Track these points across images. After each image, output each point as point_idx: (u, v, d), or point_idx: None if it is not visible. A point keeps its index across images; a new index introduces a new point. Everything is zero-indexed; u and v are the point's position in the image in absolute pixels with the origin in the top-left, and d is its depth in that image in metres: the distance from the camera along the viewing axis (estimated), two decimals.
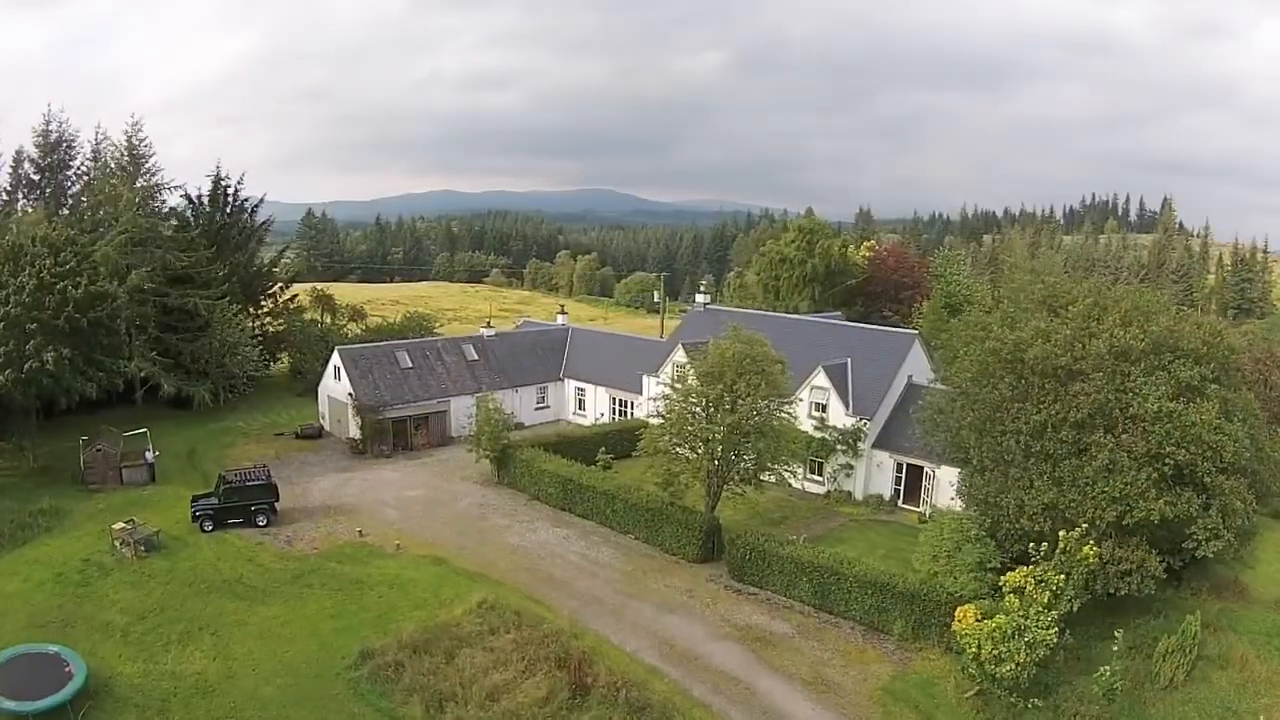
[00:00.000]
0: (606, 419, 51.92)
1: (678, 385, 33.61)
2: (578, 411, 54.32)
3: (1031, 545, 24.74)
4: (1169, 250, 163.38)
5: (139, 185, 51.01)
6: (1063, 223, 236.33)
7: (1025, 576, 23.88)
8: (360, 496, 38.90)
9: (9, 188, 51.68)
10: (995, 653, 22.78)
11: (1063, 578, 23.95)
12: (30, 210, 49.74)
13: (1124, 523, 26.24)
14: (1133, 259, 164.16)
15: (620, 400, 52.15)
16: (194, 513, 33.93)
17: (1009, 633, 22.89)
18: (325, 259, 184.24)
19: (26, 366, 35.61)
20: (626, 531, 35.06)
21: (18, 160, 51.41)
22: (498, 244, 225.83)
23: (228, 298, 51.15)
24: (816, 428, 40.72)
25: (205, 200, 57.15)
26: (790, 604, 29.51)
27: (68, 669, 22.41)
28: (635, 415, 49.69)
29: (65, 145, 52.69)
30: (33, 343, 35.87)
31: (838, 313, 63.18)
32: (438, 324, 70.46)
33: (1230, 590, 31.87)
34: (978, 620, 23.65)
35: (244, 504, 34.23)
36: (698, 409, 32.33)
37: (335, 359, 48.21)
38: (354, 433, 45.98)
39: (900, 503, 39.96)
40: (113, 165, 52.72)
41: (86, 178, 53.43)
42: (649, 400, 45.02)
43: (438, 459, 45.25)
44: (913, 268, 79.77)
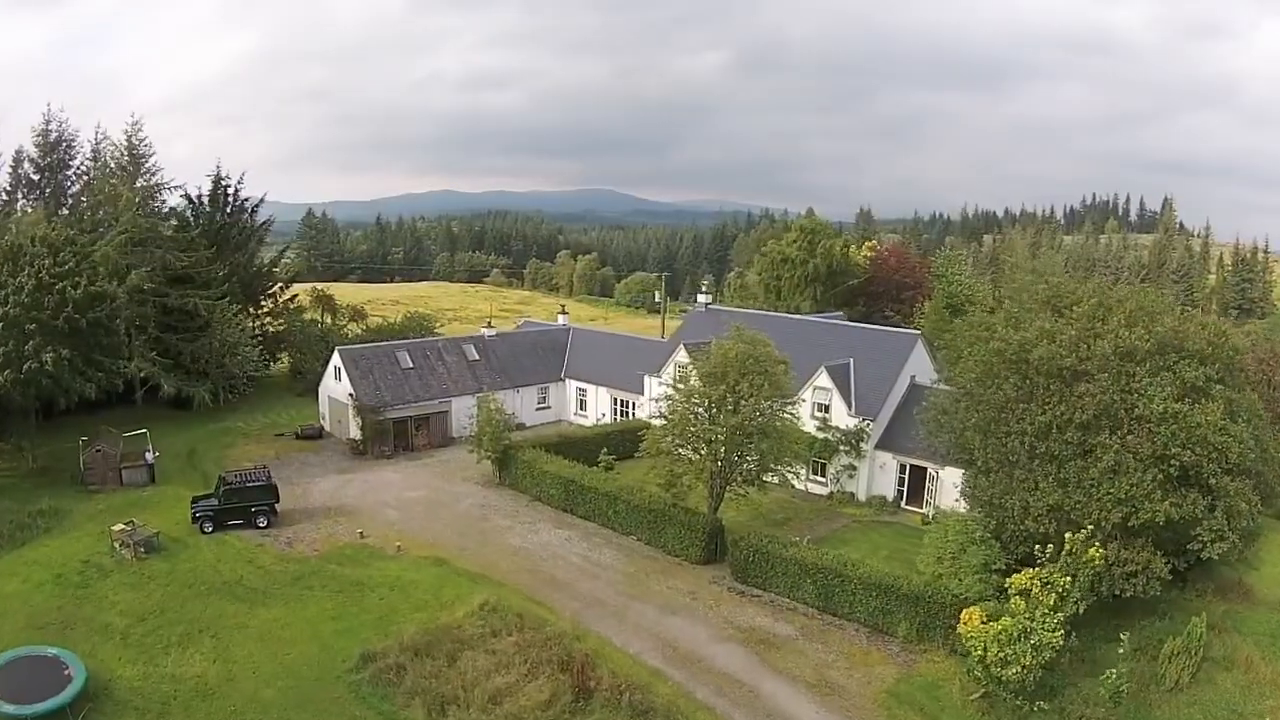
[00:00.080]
0: (608, 419, 51.79)
1: (680, 386, 33.47)
2: (579, 412, 54.18)
3: (1037, 547, 24.66)
4: (1169, 250, 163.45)
5: (139, 185, 50.92)
6: (1063, 223, 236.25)
7: (1031, 579, 23.78)
8: (361, 497, 38.77)
9: (8, 188, 51.57)
10: (1001, 655, 22.69)
11: (1068, 580, 23.87)
12: (30, 210, 49.60)
13: (1129, 524, 26.21)
14: (1133, 259, 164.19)
15: (622, 401, 52.02)
16: (194, 514, 33.83)
17: (1015, 635, 22.80)
18: (325, 259, 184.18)
19: (26, 367, 35.52)
20: (629, 533, 34.92)
21: (17, 160, 51.29)
22: (498, 244, 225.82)
23: (228, 298, 51.04)
24: (819, 428, 40.57)
25: (205, 200, 57.03)
26: (794, 606, 29.38)
27: (67, 672, 22.29)
28: (637, 416, 49.60)
29: (65, 145, 52.54)
30: (32, 343, 35.77)
31: (839, 313, 63.06)
32: (438, 324, 70.35)
33: (1235, 592, 31.84)
34: (983, 623, 23.56)
35: (244, 505, 34.11)
36: (700, 410, 32.18)
37: (335, 359, 48.07)
38: (354, 433, 45.85)
39: (903, 504, 39.82)
40: (112, 165, 52.62)
41: (86, 177, 53.28)
42: (651, 401, 44.88)
43: (439, 460, 45.10)
44: (914, 268, 79.59)
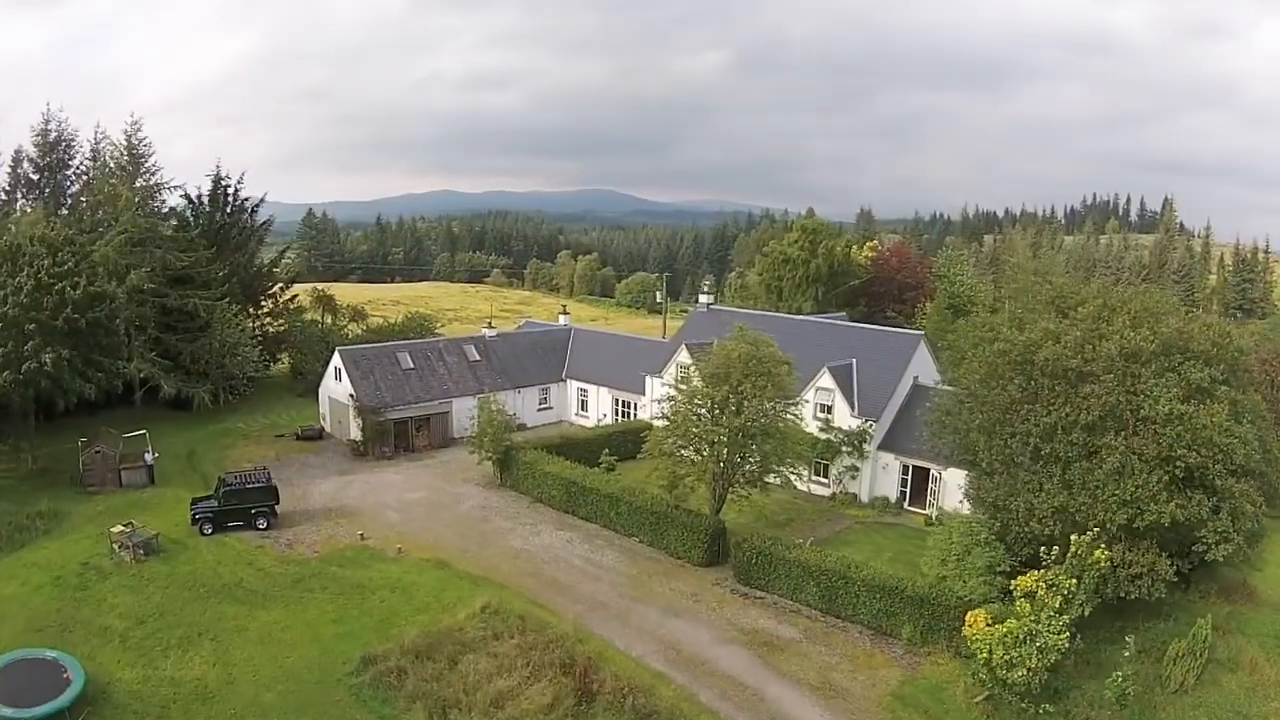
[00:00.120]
0: (609, 420, 51.64)
1: (682, 386, 33.34)
2: (580, 412, 54.03)
3: (1042, 549, 24.53)
4: (1170, 250, 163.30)
5: (138, 185, 50.84)
6: (1064, 223, 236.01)
7: (1036, 581, 23.67)
8: (361, 499, 38.61)
9: (8, 187, 51.58)
10: (1007, 658, 22.59)
11: (1074, 582, 23.74)
12: (29, 210, 49.49)
13: (1134, 526, 26.09)
14: (1134, 259, 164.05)
15: (623, 401, 51.87)
16: (193, 515, 33.68)
17: (1020, 638, 22.70)
18: (326, 259, 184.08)
19: (25, 368, 35.41)
20: (631, 535, 34.76)
21: (17, 160, 51.23)
22: (498, 244, 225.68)
23: (228, 298, 50.91)
24: (822, 429, 40.41)
25: (205, 200, 56.85)
26: (797, 608, 29.24)
27: (66, 675, 22.19)
28: (638, 416, 49.45)
29: (64, 145, 52.51)
30: (31, 344, 35.67)
31: (842, 313, 62.90)
32: (439, 324, 70.22)
33: (1239, 593, 31.75)
34: (988, 625, 23.43)
35: (244, 507, 33.96)
36: (703, 411, 32.04)
37: (336, 360, 47.91)
38: (355, 434, 45.69)
39: (906, 505, 39.66)
40: (112, 165, 52.58)
41: (86, 177, 53.23)
42: (652, 401, 44.71)
43: (439, 461, 44.96)
44: (916, 268, 79.39)
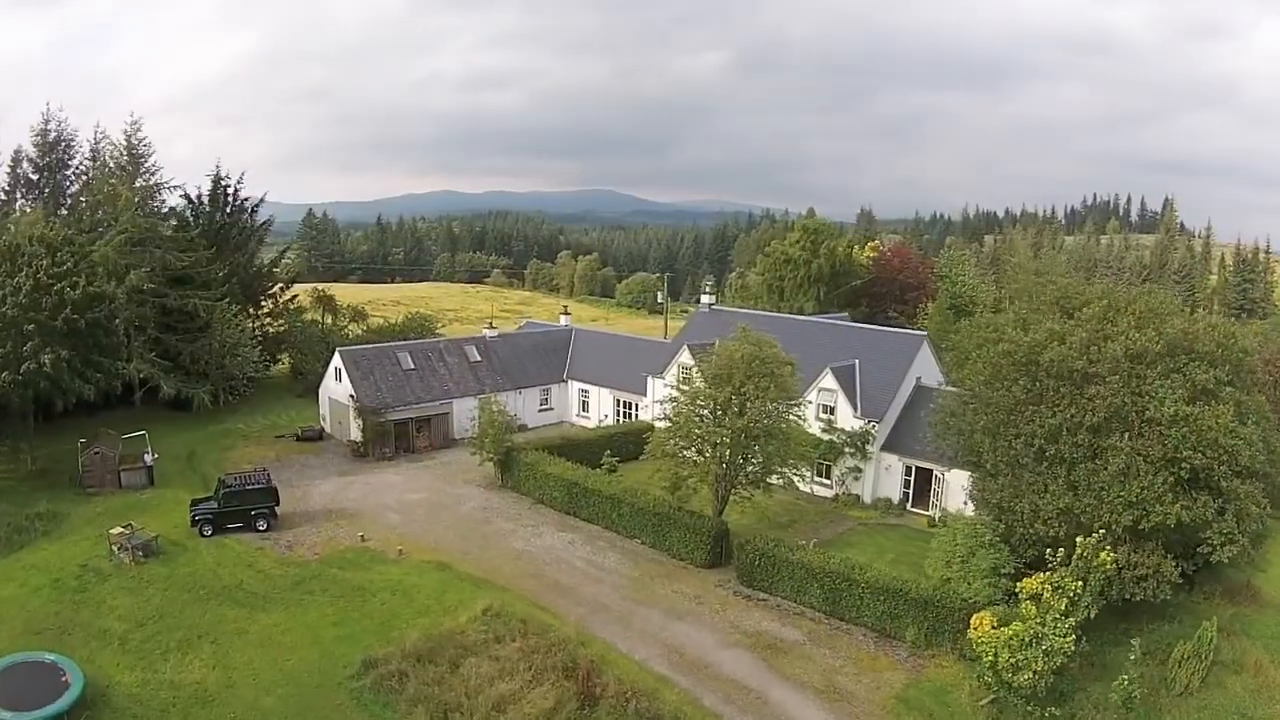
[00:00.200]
0: (610, 421, 51.47)
1: (684, 387, 33.18)
2: (581, 413, 53.86)
3: (1048, 551, 24.40)
4: (1171, 251, 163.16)
5: (138, 185, 50.64)
6: (1064, 223, 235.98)
7: (1042, 583, 23.55)
8: (362, 500, 38.45)
9: (7, 187, 51.38)
10: (1013, 661, 22.48)
11: (1079, 584, 23.62)
12: (28, 210, 49.32)
13: (1140, 527, 25.94)
14: (1134, 259, 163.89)
15: (624, 402, 51.69)
16: (193, 517, 33.52)
17: (1026, 640, 22.60)
18: (326, 259, 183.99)
19: (24, 368, 35.25)
20: (633, 536, 34.59)
21: (16, 160, 51.05)
22: (499, 244, 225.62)
23: (228, 298, 50.73)
24: (824, 430, 40.23)
25: (205, 200, 56.65)
26: (800, 610, 29.09)
27: (65, 678, 22.09)
28: (640, 417, 49.29)
29: (64, 145, 52.32)
30: (30, 344, 35.50)
31: (844, 314, 62.75)
32: (439, 325, 70.04)
33: (1243, 594, 31.63)
34: (994, 628, 23.29)
35: (244, 508, 33.80)
36: (705, 412, 31.87)
37: (336, 360, 47.73)
38: (355, 435, 45.52)
39: (909, 506, 39.49)
40: (111, 165, 52.40)
41: (85, 177, 53.04)
42: (654, 402, 44.56)
43: (440, 462, 44.79)
44: (917, 268, 79.25)
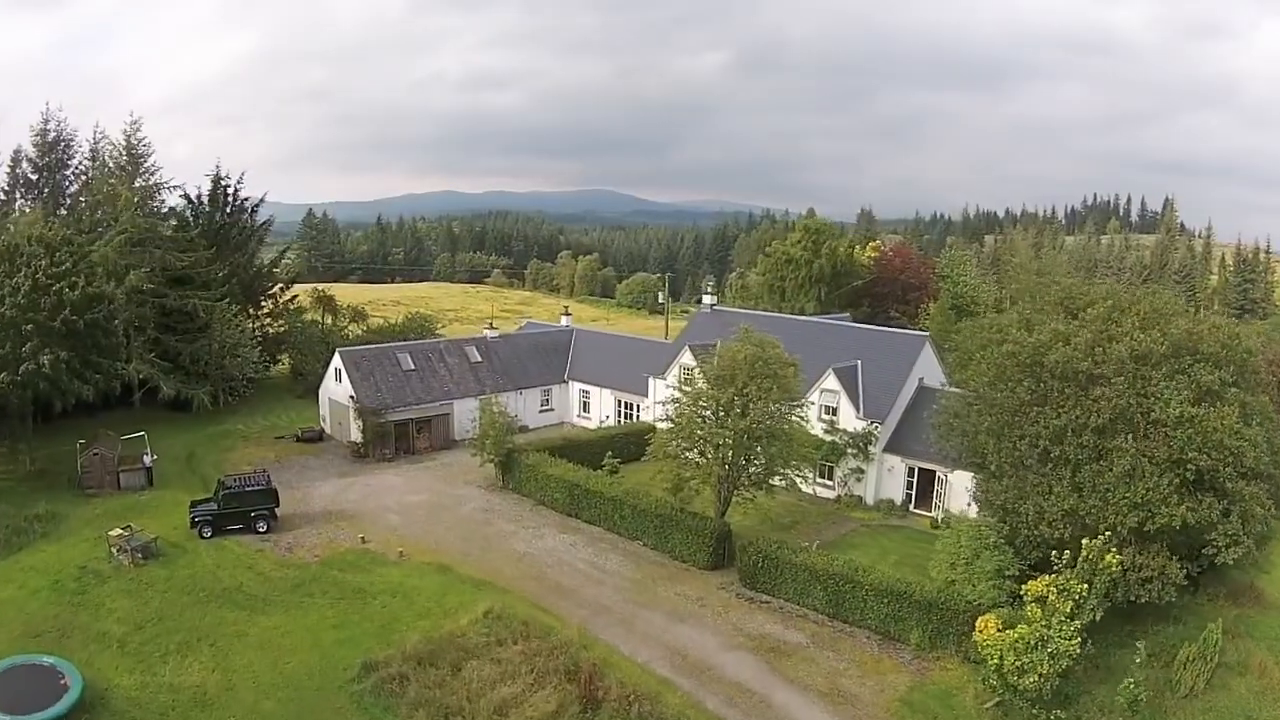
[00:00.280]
0: (612, 422, 51.30)
1: (686, 388, 33.02)
2: (582, 414, 53.68)
3: (1054, 553, 24.26)
4: (1171, 251, 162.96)
5: (137, 185, 50.43)
6: (1064, 223, 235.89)
7: (1047, 585, 23.41)
8: (362, 501, 38.29)
9: (6, 187, 51.17)
10: (1018, 664, 22.35)
11: (1085, 586, 23.48)
12: (28, 210, 49.15)
13: (1145, 529, 25.78)
14: (1135, 259, 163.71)
15: (626, 403, 51.51)
16: (192, 519, 33.36)
17: (1032, 643, 22.46)
18: (326, 259, 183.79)
19: (22, 369, 35.09)
20: (635, 538, 34.43)
21: (15, 159, 50.86)
22: (499, 244, 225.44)
23: (227, 299, 50.57)
24: (827, 431, 40.07)
25: (205, 200, 56.48)
26: (803, 612, 28.94)
27: (63, 681, 21.97)
28: (641, 418, 49.13)
29: (63, 145, 52.11)
30: (29, 345, 35.34)
31: (846, 314, 62.60)
32: (439, 325, 69.85)
33: (1246, 596, 31.51)
34: (999, 630, 23.12)
35: (244, 510, 33.64)
36: (708, 413, 31.71)
37: (336, 361, 47.54)
38: (355, 436, 45.35)
39: (912, 508, 39.31)
40: (111, 165, 52.19)
41: (85, 177, 52.85)
42: (656, 403, 44.40)
43: (441, 463, 44.63)
44: (919, 269, 79.08)
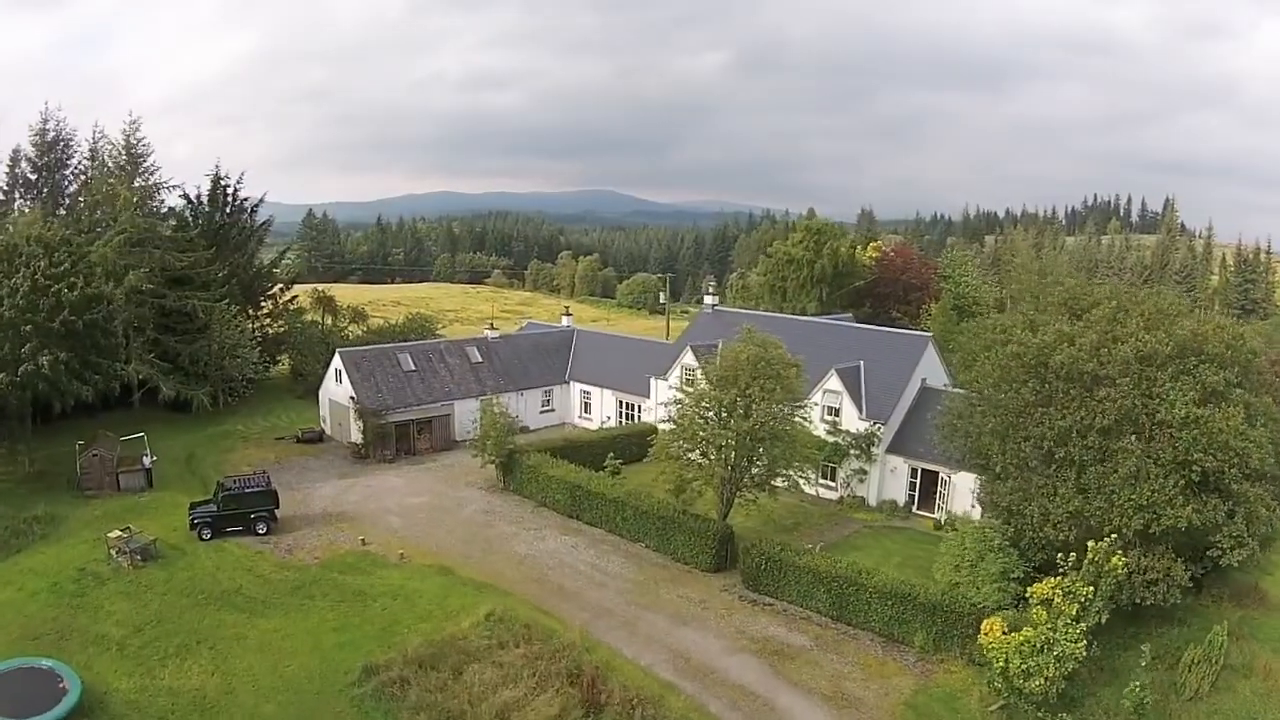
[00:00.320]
0: (613, 422, 51.12)
1: (688, 389, 32.86)
2: (584, 415, 53.51)
3: (1060, 555, 24.10)
4: (1172, 251, 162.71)
5: (137, 185, 50.26)
6: (1065, 223, 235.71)
7: (1053, 588, 23.24)
8: (362, 503, 38.12)
9: (5, 187, 50.93)
10: (1024, 667, 22.19)
11: (1090, 589, 23.31)
12: (27, 210, 48.95)
13: (1150, 531, 25.62)
14: (1135, 260, 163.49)
15: (627, 404, 51.33)
16: (192, 520, 33.20)
17: (1038, 646, 22.30)
18: (326, 260, 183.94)
19: (21, 370, 34.94)
20: (637, 540, 34.24)
21: (14, 159, 50.64)
22: (499, 245, 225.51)
23: (227, 299, 50.43)
24: (829, 432, 39.88)
25: (204, 200, 56.34)
26: (807, 615, 28.76)
27: (62, 685, 21.85)
28: (643, 419, 48.94)
29: (62, 144, 51.86)
30: (28, 345, 35.17)
31: (848, 314, 62.43)
32: (440, 325, 69.70)
33: (1250, 597, 31.38)
34: (1005, 633, 22.95)
35: (243, 511, 33.47)
36: (710, 414, 31.54)
37: (336, 361, 47.37)
38: (356, 437, 45.18)
39: (915, 509, 39.11)
40: (110, 165, 51.96)
41: (84, 177, 52.62)
42: (658, 404, 44.22)
43: (442, 464, 44.47)
44: (920, 269, 78.91)
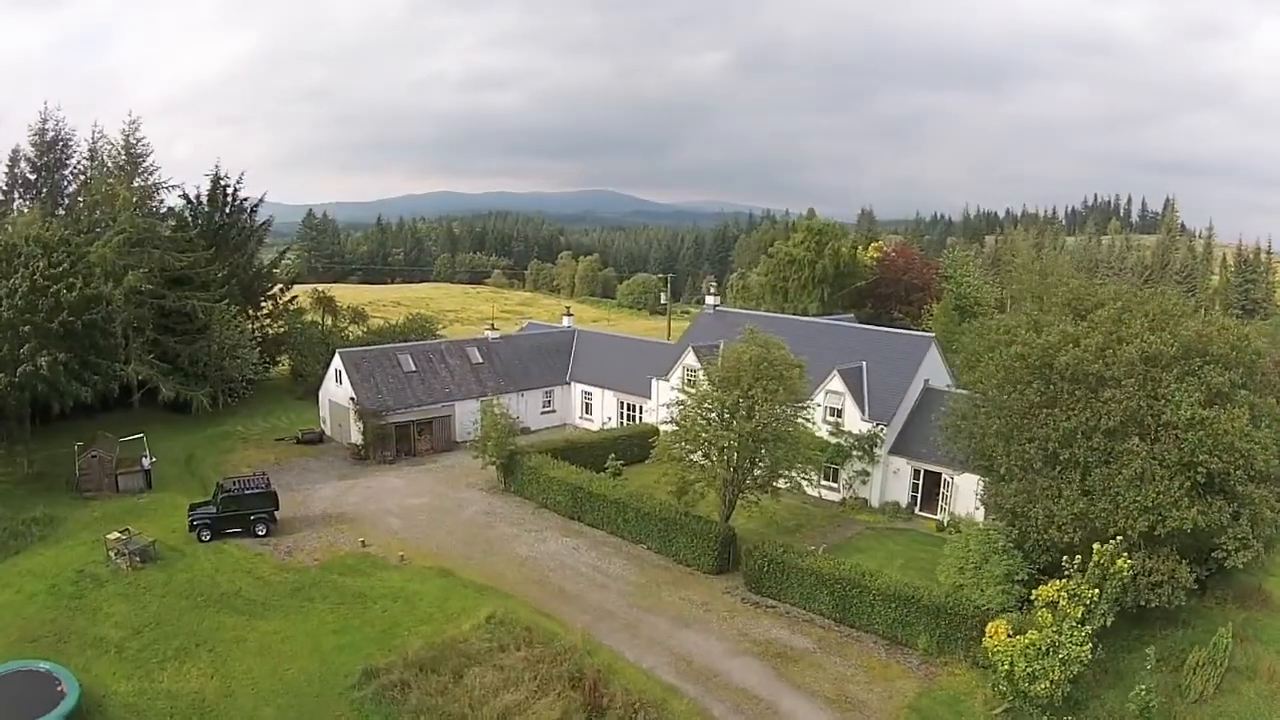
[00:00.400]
0: (614, 423, 50.96)
1: (690, 390, 32.71)
2: (584, 416, 53.36)
3: (1064, 558, 23.95)
4: (1172, 251, 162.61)
5: (136, 185, 50.16)
6: (1065, 223, 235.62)
7: (1058, 591, 23.09)
8: (363, 505, 37.97)
9: (5, 187, 50.83)
10: (1029, 670, 22.04)
11: (1095, 592, 23.16)
12: (26, 210, 48.82)
13: (1155, 533, 25.46)
14: (1136, 260, 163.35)
15: (628, 404, 51.17)
16: (191, 522, 33.08)
17: (1043, 649, 22.16)
18: (326, 260, 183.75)
19: (20, 370, 34.83)
20: (639, 542, 34.10)
21: (14, 159, 50.53)
22: (499, 245, 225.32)
23: (227, 299, 50.30)
24: (832, 433, 39.74)
25: (204, 200, 56.20)
26: (810, 617, 28.61)
27: (60, 688, 21.69)
28: (644, 420, 48.78)
29: (62, 144, 51.76)
30: (27, 346, 35.05)
31: (850, 315, 62.28)
32: (440, 326, 69.57)
33: (1254, 599, 31.27)
34: (1009, 636, 22.80)
35: (243, 513, 33.32)
36: (713, 415, 31.38)
37: (336, 362, 47.22)
38: (356, 438, 45.03)
39: (917, 510, 38.97)
40: (110, 165, 51.87)
41: (83, 177, 52.51)
42: (659, 405, 44.07)
43: (442, 465, 44.32)
44: (921, 269, 78.78)
